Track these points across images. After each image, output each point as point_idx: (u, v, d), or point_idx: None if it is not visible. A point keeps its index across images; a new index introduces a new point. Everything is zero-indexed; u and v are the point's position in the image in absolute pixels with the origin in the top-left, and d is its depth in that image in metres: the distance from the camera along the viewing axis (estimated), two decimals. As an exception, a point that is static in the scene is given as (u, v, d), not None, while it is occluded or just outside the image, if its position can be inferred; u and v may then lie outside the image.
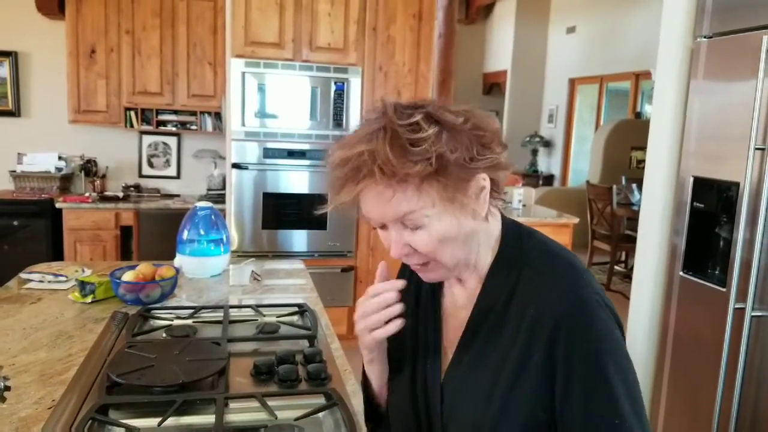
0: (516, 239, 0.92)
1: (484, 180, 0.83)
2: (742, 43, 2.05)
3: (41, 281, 2.05)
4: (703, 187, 2.23)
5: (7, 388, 1.00)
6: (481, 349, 0.89)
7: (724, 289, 2.09)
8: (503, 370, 0.85)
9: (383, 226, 0.86)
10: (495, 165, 0.84)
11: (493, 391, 0.85)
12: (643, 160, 2.58)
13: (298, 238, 3.84)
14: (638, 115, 7.12)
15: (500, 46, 9.17)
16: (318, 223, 3.84)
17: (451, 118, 0.81)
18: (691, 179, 2.26)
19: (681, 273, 2.32)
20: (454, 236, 0.84)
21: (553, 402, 0.82)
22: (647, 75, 6.51)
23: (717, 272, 2.18)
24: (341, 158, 0.80)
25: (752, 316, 2.00)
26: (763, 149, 1.96)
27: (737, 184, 2.04)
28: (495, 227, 0.92)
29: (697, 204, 2.25)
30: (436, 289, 1.00)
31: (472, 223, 0.86)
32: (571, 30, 8.10)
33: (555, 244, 0.93)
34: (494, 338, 0.88)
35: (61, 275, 2.10)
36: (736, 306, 2.03)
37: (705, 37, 2.22)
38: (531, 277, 0.87)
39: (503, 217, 0.94)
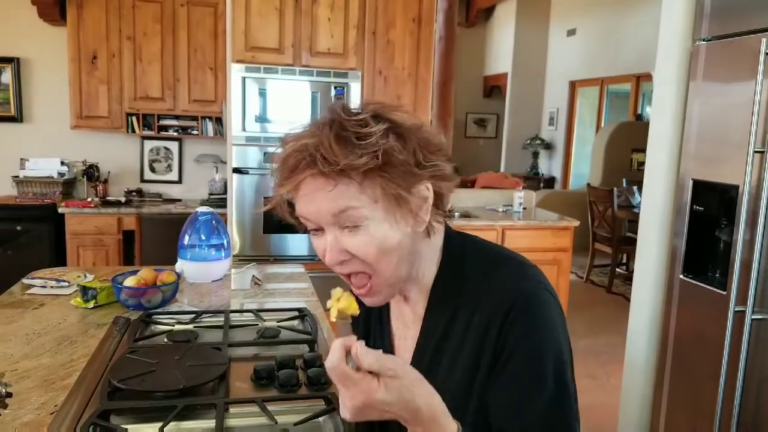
0: (459, 251, 0.90)
1: (427, 190, 0.81)
2: (741, 46, 2.05)
3: (44, 287, 2.06)
4: (702, 189, 2.23)
5: (9, 395, 1.00)
6: (431, 366, 0.87)
7: (724, 292, 2.09)
8: (454, 385, 0.83)
9: (317, 230, 0.82)
10: (440, 175, 0.82)
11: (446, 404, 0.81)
12: (644, 162, 2.58)
13: (300, 242, 3.85)
14: (639, 117, 7.13)
15: (500, 48, 9.18)
16: (319, 227, 3.84)
17: (399, 118, 0.80)
18: (691, 182, 2.26)
19: (681, 276, 2.32)
20: (395, 246, 0.80)
21: None
22: (648, 77, 6.52)
23: (717, 275, 2.18)
24: (286, 151, 0.78)
25: (752, 319, 2.00)
26: (762, 152, 1.96)
27: (737, 187, 2.04)
28: (437, 241, 0.90)
29: (697, 207, 2.25)
30: (384, 314, 0.99)
31: (412, 237, 0.82)
32: (571, 32, 8.11)
33: (500, 248, 0.92)
34: (443, 354, 0.86)
35: (64, 280, 2.11)
36: (737, 309, 2.03)
37: (704, 41, 2.22)
38: (475, 286, 0.86)
39: (447, 229, 0.92)
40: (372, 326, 1.01)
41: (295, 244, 3.84)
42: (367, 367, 0.69)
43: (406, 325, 0.94)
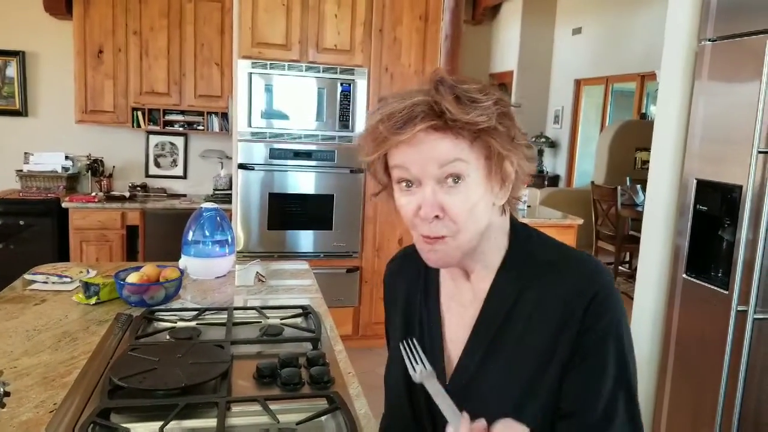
0: (526, 238, 0.92)
1: (513, 165, 0.84)
2: (746, 47, 2.04)
3: (45, 282, 2.06)
4: (706, 189, 2.23)
5: (7, 394, 1.00)
6: (493, 345, 0.88)
7: (726, 292, 2.09)
8: (521, 364, 0.85)
9: (411, 186, 0.82)
10: (525, 155, 0.86)
11: (511, 386, 0.85)
12: (648, 161, 2.57)
13: (304, 239, 3.85)
14: (643, 116, 7.09)
15: (506, 46, 9.14)
16: (323, 224, 3.85)
17: (502, 95, 0.84)
18: (695, 182, 2.25)
19: (684, 275, 2.31)
20: (482, 212, 0.83)
21: None
22: (652, 76, 6.48)
23: (720, 275, 2.18)
24: (394, 107, 0.80)
25: (754, 319, 2.00)
26: (766, 152, 1.95)
27: (740, 187, 2.04)
28: (505, 224, 0.92)
29: (701, 206, 2.25)
30: (431, 292, 0.98)
31: (492, 209, 0.86)
32: (577, 31, 8.07)
33: (565, 244, 0.94)
34: (507, 334, 0.87)
35: (66, 276, 2.11)
36: (739, 308, 2.03)
37: (709, 41, 2.21)
38: (546, 271, 0.88)
39: (512, 217, 0.94)
40: (416, 302, 0.99)
41: (300, 240, 3.84)
42: None
43: (463, 305, 0.93)
